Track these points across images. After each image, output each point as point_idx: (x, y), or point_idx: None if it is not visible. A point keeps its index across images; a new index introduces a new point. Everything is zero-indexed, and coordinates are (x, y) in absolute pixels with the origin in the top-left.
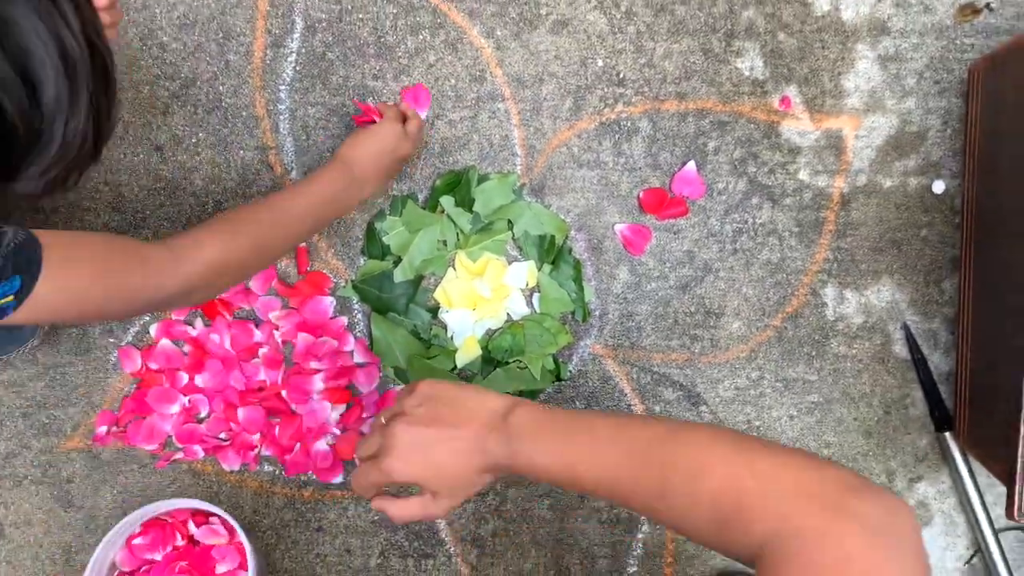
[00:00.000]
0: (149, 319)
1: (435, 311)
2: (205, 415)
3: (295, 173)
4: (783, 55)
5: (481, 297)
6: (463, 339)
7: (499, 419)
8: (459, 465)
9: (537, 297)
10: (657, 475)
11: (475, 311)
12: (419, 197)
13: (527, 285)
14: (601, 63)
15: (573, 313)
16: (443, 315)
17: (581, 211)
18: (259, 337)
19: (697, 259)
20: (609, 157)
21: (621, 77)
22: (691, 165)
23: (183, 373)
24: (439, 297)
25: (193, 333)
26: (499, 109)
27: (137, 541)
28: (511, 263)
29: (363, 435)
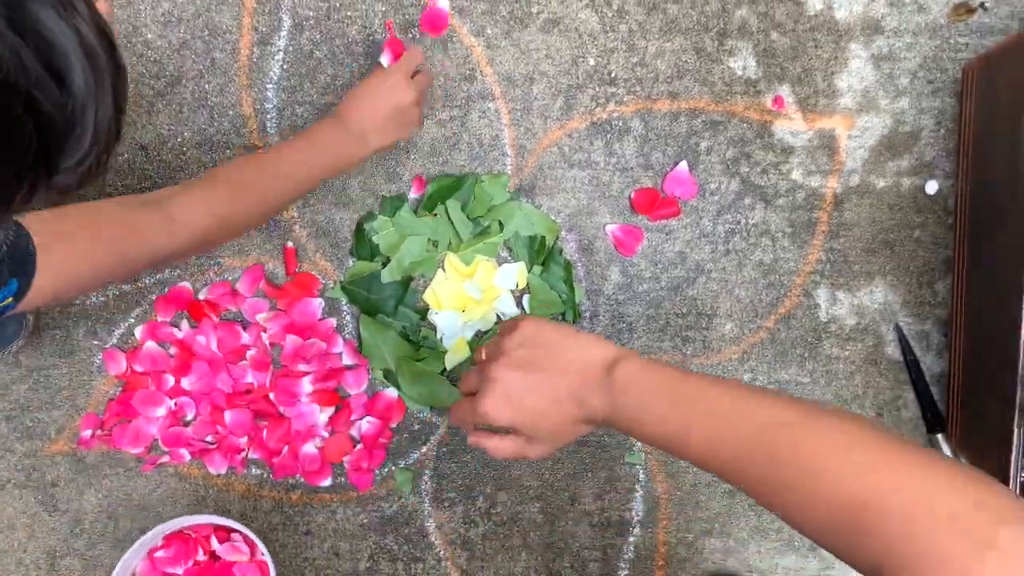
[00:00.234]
0: (134, 321)
1: (424, 313)
2: (191, 418)
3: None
4: (776, 54)
5: (471, 299)
6: (452, 341)
7: (602, 371)
8: (555, 414)
9: (527, 299)
10: (773, 464)
11: (464, 313)
12: (408, 196)
13: (517, 286)
14: (592, 62)
15: (564, 315)
16: (432, 317)
17: (572, 211)
18: (246, 339)
19: (689, 260)
20: (600, 157)
21: (613, 76)
22: (683, 165)
23: (169, 375)
24: (428, 299)
25: (179, 335)
26: (489, 108)
27: (159, 554)
28: (501, 264)
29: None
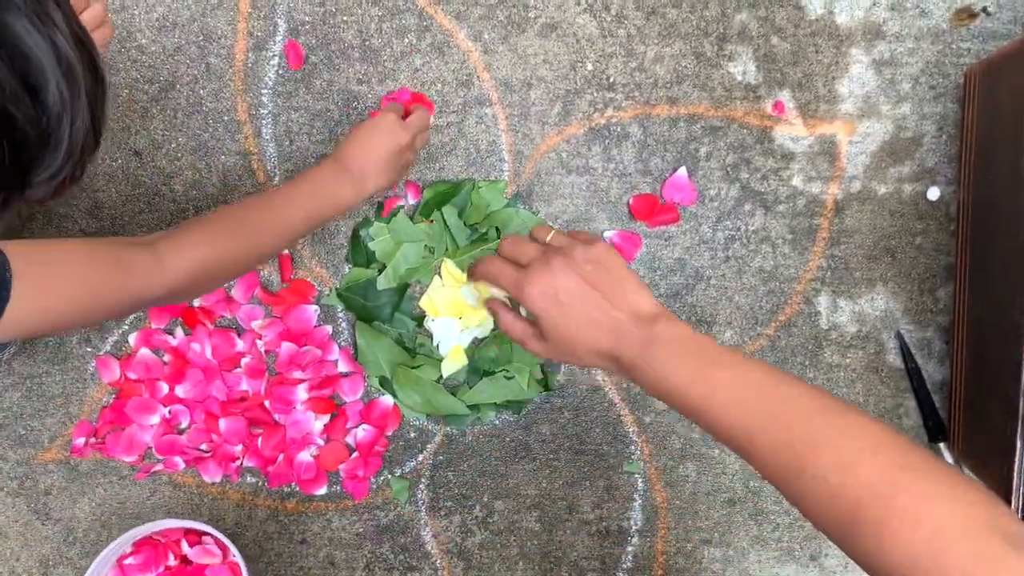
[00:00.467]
0: (128, 328)
1: (420, 320)
2: (186, 426)
3: (278, 179)
4: (776, 59)
5: (467, 306)
6: (449, 348)
7: (648, 318)
8: (588, 333)
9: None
10: (801, 452)
11: (461, 320)
12: (404, 204)
13: None
14: (591, 67)
15: None
16: (428, 324)
17: (570, 218)
18: (241, 346)
19: (688, 267)
20: (599, 163)
21: (611, 81)
22: (682, 171)
23: (163, 383)
24: (424, 305)
25: (173, 342)
26: (486, 114)
27: (129, 561)
28: None
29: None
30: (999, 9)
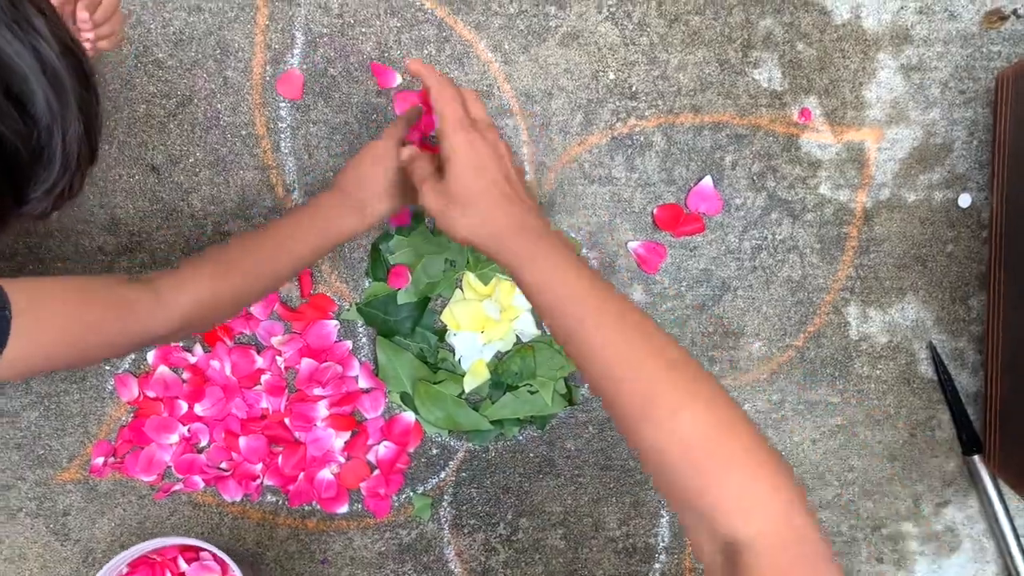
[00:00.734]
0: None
1: (442, 334)
2: (205, 444)
3: (297, 193)
4: (802, 66)
5: (489, 319)
6: (471, 362)
7: (540, 218)
8: (492, 200)
9: None
10: (651, 391)
11: (483, 333)
12: (424, 216)
13: None
14: (613, 76)
15: None
16: (450, 338)
17: (593, 229)
18: (261, 363)
19: (715, 277)
20: (622, 173)
21: (633, 90)
22: (707, 180)
23: (182, 401)
24: (446, 319)
25: (192, 360)
26: (507, 125)
27: None
28: None
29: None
30: None
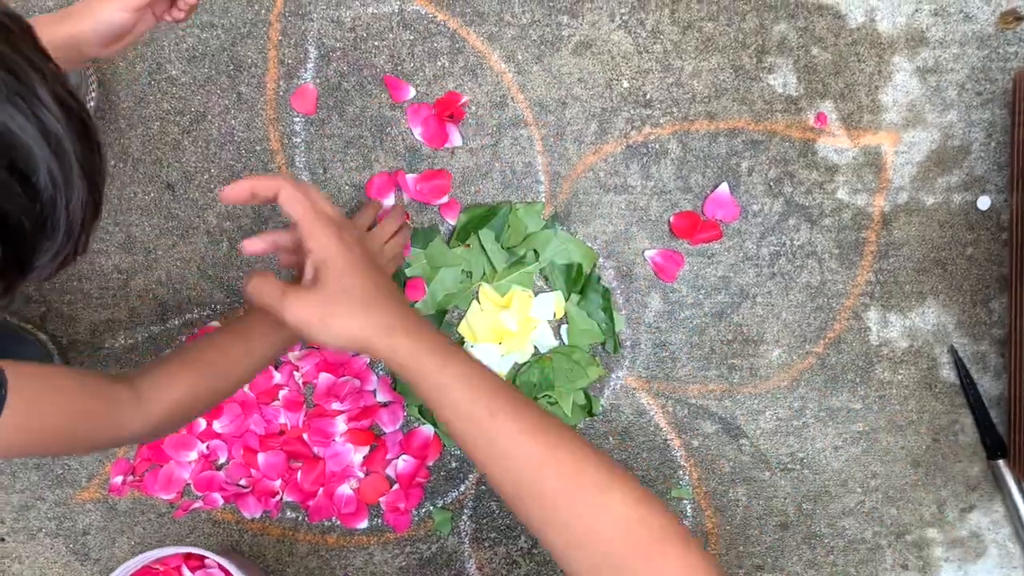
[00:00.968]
0: None
1: (460, 346)
2: (224, 461)
3: None
4: (817, 70)
5: (507, 330)
6: None
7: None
8: (372, 296)
9: (565, 328)
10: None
11: (501, 345)
12: (440, 229)
13: (555, 316)
14: (627, 84)
15: (603, 344)
16: (468, 350)
17: (609, 238)
18: (279, 379)
19: (733, 284)
20: (637, 181)
21: (648, 98)
22: (724, 187)
23: (200, 419)
24: (463, 331)
25: None
26: (522, 135)
27: None
28: (537, 294)
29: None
30: None
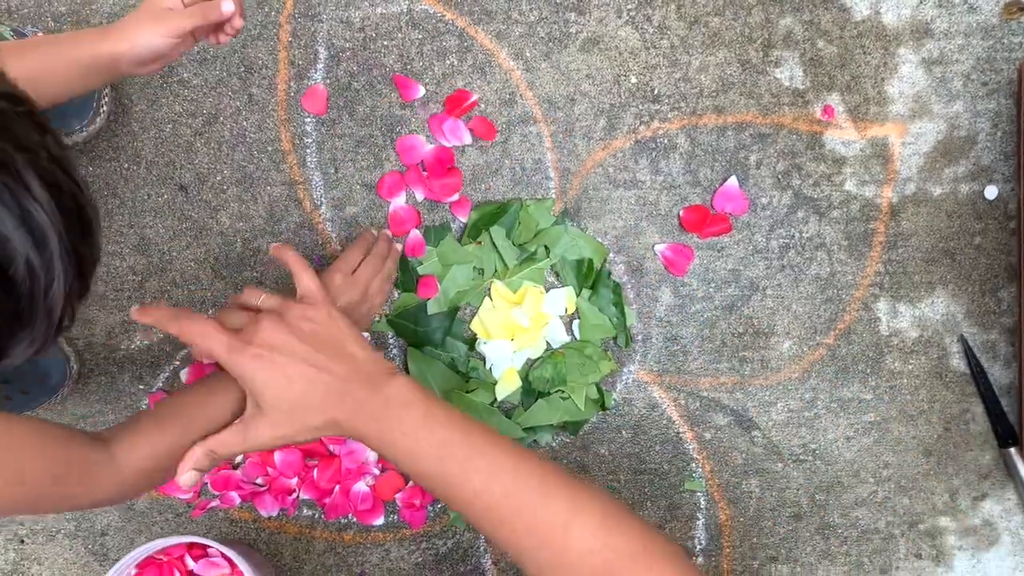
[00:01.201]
0: (180, 363)
1: (472, 343)
2: (240, 460)
3: (324, 208)
4: (823, 63)
5: (519, 326)
6: (502, 370)
7: (375, 377)
8: (309, 396)
9: (577, 324)
10: (551, 535)
11: (513, 341)
12: (452, 226)
13: (566, 312)
14: (635, 80)
15: (615, 339)
16: (481, 346)
17: (619, 233)
18: None
19: (743, 277)
20: (646, 176)
21: (656, 93)
22: (733, 180)
23: None
24: (476, 328)
25: None
26: (531, 132)
27: None
28: (549, 290)
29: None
30: None
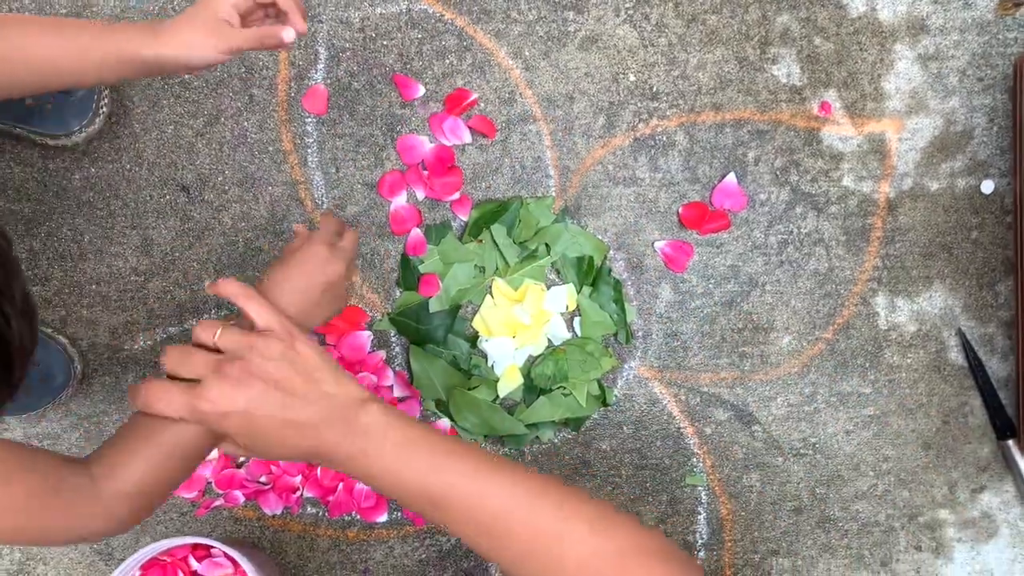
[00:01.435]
0: None
1: (474, 340)
2: (244, 459)
3: (326, 207)
4: (820, 60)
5: (521, 324)
6: (504, 367)
7: (352, 407)
8: (289, 439)
9: (578, 321)
10: (547, 545)
11: (515, 338)
12: (452, 225)
13: (567, 309)
14: (633, 77)
15: (616, 335)
16: (482, 344)
17: (619, 230)
18: None
19: (742, 273)
20: (646, 173)
21: (654, 91)
22: (731, 177)
23: None
24: (477, 325)
25: None
26: (530, 131)
27: None
28: (550, 287)
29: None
30: None
